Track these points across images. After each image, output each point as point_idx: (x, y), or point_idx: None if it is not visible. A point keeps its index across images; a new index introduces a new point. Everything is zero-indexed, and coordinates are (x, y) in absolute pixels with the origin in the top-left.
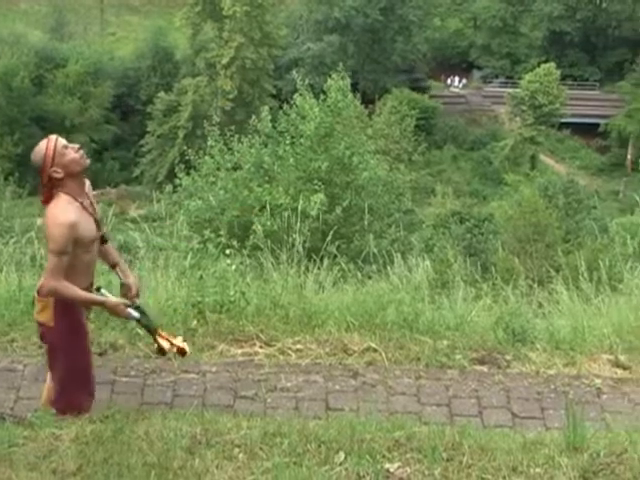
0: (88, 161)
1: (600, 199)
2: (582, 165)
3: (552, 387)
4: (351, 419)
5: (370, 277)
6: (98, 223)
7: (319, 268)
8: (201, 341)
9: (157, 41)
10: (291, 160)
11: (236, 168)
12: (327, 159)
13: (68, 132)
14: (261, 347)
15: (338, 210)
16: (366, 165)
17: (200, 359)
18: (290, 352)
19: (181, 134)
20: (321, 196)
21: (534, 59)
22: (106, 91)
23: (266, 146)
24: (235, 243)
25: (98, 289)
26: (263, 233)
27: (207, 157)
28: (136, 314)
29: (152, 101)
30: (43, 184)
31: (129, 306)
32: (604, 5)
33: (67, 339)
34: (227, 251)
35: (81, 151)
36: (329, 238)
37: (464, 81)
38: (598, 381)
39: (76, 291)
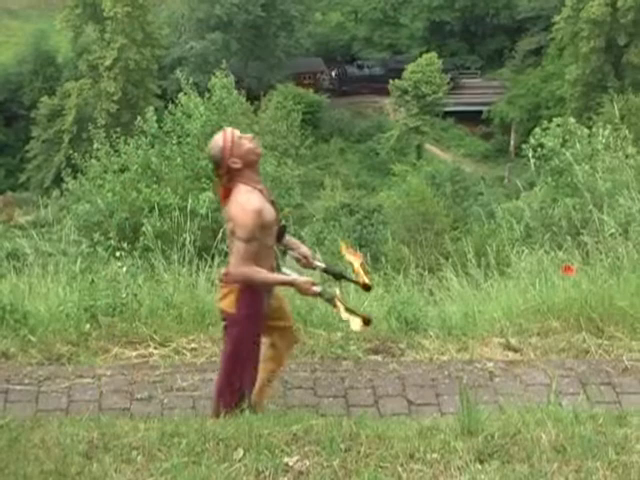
0: (261, 149)
1: (486, 185)
2: (467, 153)
3: (446, 373)
4: (248, 415)
5: None
6: (275, 207)
7: (211, 266)
8: (95, 345)
9: (38, 45)
10: (178, 160)
11: (123, 170)
12: None
13: None
14: (155, 348)
15: None
16: None
17: (94, 363)
18: (185, 351)
19: (66, 138)
20: (209, 194)
21: (416, 49)
22: None
23: (153, 147)
24: (125, 245)
25: (278, 269)
26: (153, 234)
27: (93, 160)
28: (319, 289)
29: (36, 106)
30: (220, 177)
31: (314, 284)
32: None
33: (245, 328)
34: (117, 253)
35: (254, 140)
36: (220, 236)
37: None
38: (490, 365)
39: (266, 274)
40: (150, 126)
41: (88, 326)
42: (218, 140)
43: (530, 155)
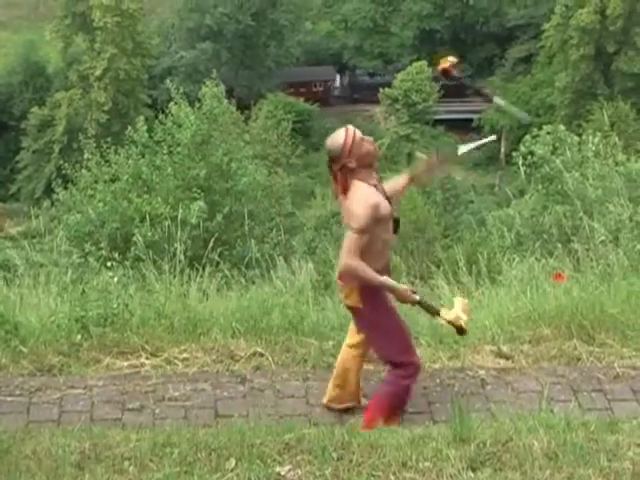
0: (379, 153)
1: (477, 193)
2: (458, 160)
3: (437, 381)
4: (240, 425)
5: (254, 282)
6: (391, 202)
7: (202, 276)
8: (86, 355)
9: (28, 56)
10: (169, 169)
11: (114, 180)
12: (205, 166)
13: None
14: (147, 358)
15: (219, 217)
16: (245, 171)
17: (86, 374)
18: (177, 361)
19: (57, 148)
20: (200, 204)
21: (406, 58)
22: None
23: (143, 156)
24: (116, 255)
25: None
26: (144, 244)
27: (84, 170)
28: (418, 297)
29: (26, 116)
30: (334, 173)
31: (414, 292)
32: (471, 2)
33: (379, 319)
34: (109, 264)
35: (375, 144)
36: (211, 245)
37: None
38: (482, 372)
39: (371, 273)
40: (141, 136)
41: (79, 337)
42: (339, 137)
43: (520, 163)
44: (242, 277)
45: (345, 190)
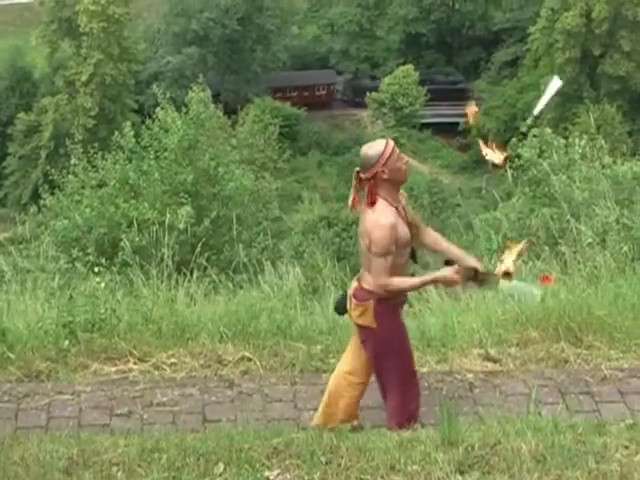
0: (408, 178)
1: (463, 197)
2: (444, 164)
3: (425, 384)
4: (229, 430)
5: (241, 287)
6: (411, 229)
7: (189, 281)
8: (74, 361)
9: (14, 61)
10: (156, 174)
11: (101, 185)
12: (192, 171)
13: None
14: (135, 363)
15: (206, 222)
16: (232, 175)
17: (74, 379)
18: (164, 366)
19: (43, 154)
20: (188, 209)
21: (392, 62)
22: None
23: (130, 162)
24: (104, 261)
25: (412, 275)
26: (132, 249)
27: (71, 176)
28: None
29: (12, 122)
30: (361, 181)
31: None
32: (457, 6)
33: (393, 341)
34: (96, 269)
35: (406, 165)
36: (198, 250)
37: None
38: (470, 375)
39: (407, 281)
40: (127, 141)
41: (67, 342)
42: (379, 145)
43: (507, 166)
44: (230, 282)
45: (372, 201)
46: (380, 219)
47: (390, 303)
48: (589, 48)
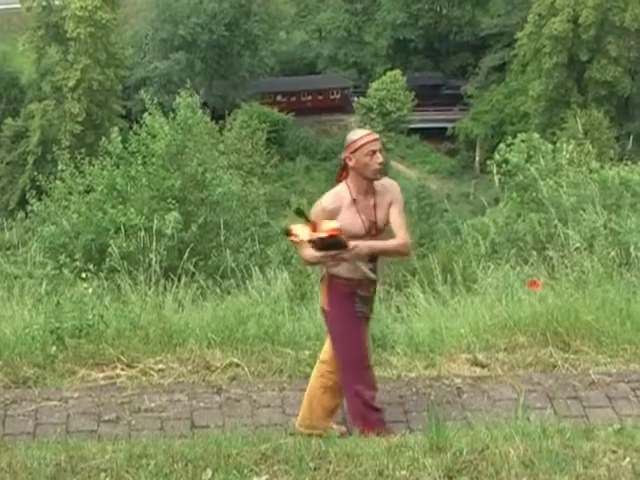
0: (378, 177)
1: (451, 202)
2: (432, 169)
3: (414, 390)
4: (217, 435)
5: (229, 292)
6: (366, 227)
7: (177, 286)
8: (61, 367)
9: (1, 67)
10: (144, 180)
11: (89, 191)
12: (180, 177)
13: None
14: (123, 369)
15: (194, 227)
16: (220, 181)
17: (61, 385)
18: (152, 372)
19: (31, 160)
20: (175, 214)
21: (380, 67)
22: None
23: (118, 167)
24: (91, 266)
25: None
26: (119, 255)
27: (58, 181)
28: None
29: None
30: (341, 162)
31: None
32: (444, 11)
33: (340, 327)
34: (83, 275)
35: (381, 167)
36: (186, 256)
37: None
38: (458, 381)
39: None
40: (115, 147)
41: (54, 348)
42: (358, 134)
43: (495, 171)
44: (217, 287)
45: (337, 180)
46: (324, 198)
47: (341, 289)
48: (576, 53)
